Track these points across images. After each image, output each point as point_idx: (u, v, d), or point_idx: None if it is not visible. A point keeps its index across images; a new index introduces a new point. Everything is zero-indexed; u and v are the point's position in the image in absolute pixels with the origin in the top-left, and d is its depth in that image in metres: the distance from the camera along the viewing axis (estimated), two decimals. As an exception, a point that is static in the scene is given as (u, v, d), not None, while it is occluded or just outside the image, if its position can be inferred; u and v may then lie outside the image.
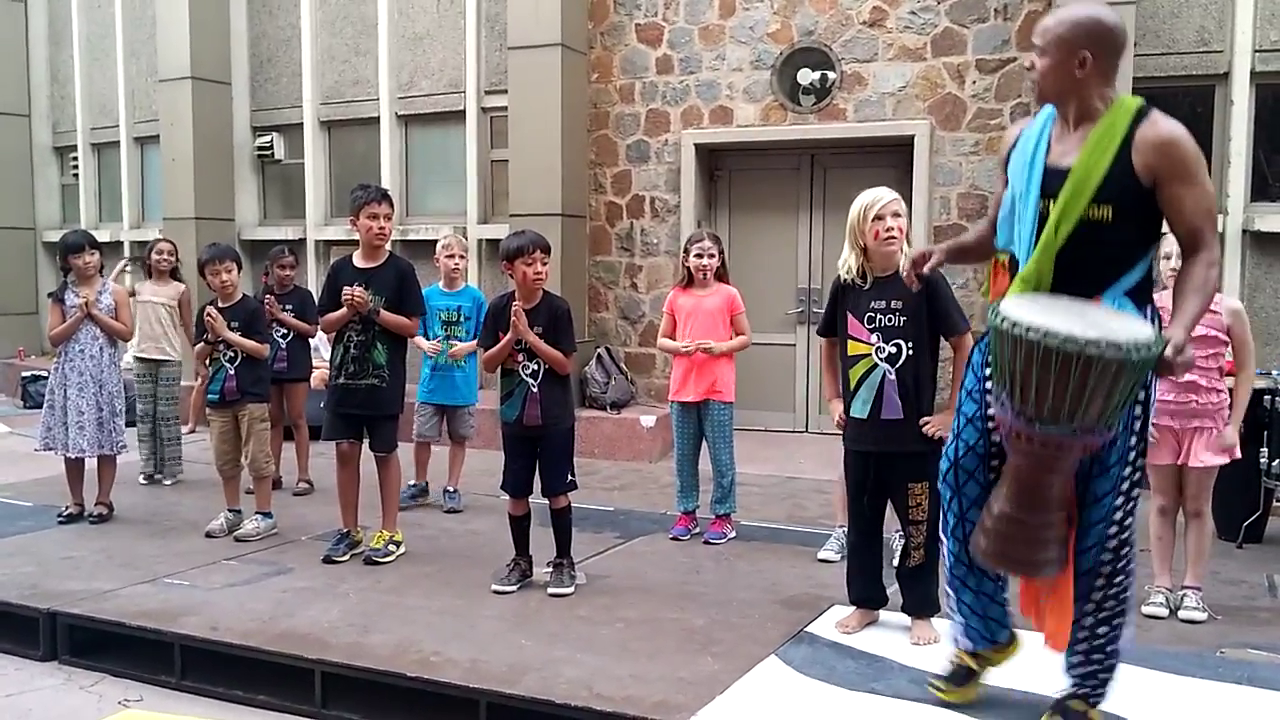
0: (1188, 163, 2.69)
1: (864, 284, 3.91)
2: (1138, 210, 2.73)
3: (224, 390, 5.43)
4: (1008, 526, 2.81)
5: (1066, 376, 2.52)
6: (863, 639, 3.89)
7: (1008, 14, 7.30)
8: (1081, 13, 2.76)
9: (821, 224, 8.17)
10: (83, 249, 5.78)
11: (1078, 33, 2.72)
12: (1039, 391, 2.58)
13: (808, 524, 5.78)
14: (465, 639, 3.87)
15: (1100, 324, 2.59)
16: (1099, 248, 2.75)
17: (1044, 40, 2.78)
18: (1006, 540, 2.83)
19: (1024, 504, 2.77)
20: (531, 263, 4.43)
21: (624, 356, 8.58)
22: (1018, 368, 2.60)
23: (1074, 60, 2.72)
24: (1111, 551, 2.87)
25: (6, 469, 7.39)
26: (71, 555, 5.04)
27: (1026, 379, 2.59)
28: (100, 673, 4.06)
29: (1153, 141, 2.68)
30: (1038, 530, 2.79)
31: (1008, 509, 2.80)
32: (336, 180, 10.20)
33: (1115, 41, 2.75)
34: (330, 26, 10.02)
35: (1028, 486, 2.76)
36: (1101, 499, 2.84)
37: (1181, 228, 2.74)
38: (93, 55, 11.99)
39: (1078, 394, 2.53)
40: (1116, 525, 2.86)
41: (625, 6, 8.47)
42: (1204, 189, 2.73)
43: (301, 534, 5.47)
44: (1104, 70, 2.75)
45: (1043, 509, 2.77)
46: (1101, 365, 2.49)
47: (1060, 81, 2.78)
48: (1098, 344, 2.48)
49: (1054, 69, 2.77)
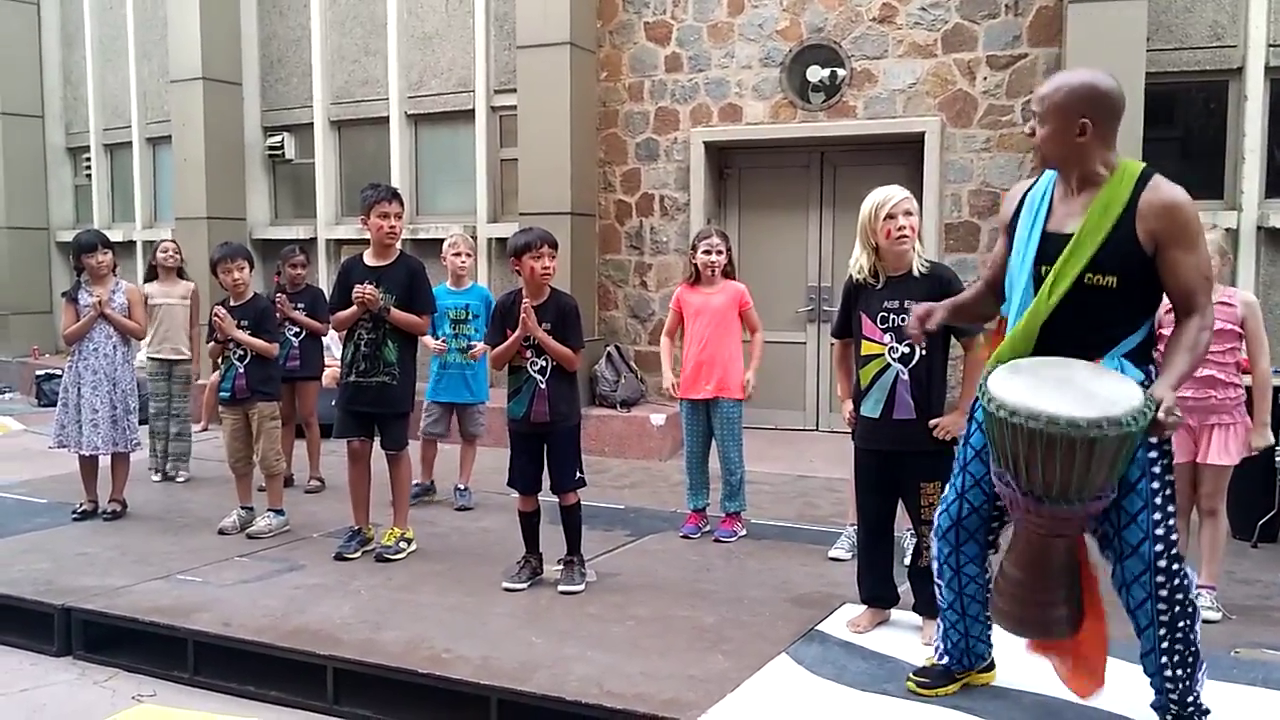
0: (1188, 228, 2.71)
1: (876, 283, 3.89)
2: (1142, 277, 2.75)
3: (234, 388, 5.46)
4: (1017, 589, 2.82)
5: (1071, 459, 2.52)
6: (874, 638, 3.88)
7: (1019, 9, 7.28)
8: (1078, 79, 2.78)
9: (832, 222, 8.16)
10: (96, 249, 5.81)
11: (1075, 100, 2.74)
12: (1045, 473, 2.57)
13: (819, 522, 5.77)
14: (476, 636, 3.88)
15: (1093, 395, 2.57)
16: (1102, 312, 2.77)
17: (1042, 108, 2.79)
18: (1017, 602, 2.84)
19: (1033, 569, 2.78)
20: (539, 258, 4.43)
21: (633, 355, 8.58)
22: (1019, 451, 2.60)
23: (1074, 128, 2.74)
24: (1164, 571, 2.80)
25: (21, 466, 7.45)
26: (86, 551, 5.07)
27: (1030, 461, 2.58)
28: (114, 668, 4.09)
29: (1156, 207, 2.70)
30: (1047, 592, 2.80)
31: (1018, 574, 2.81)
32: (347, 180, 10.23)
33: (1113, 106, 2.77)
34: (340, 27, 10.05)
35: (1037, 553, 2.77)
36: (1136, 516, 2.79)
37: (1177, 292, 2.75)
38: (105, 57, 12.06)
39: (1083, 472, 2.54)
40: (1163, 542, 2.79)
41: (634, 5, 8.47)
42: (1202, 254, 2.75)
43: (313, 531, 5.49)
44: (1104, 135, 2.77)
45: (1051, 572, 2.78)
46: (1104, 443, 2.50)
47: (1061, 149, 2.79)
48: (1100, 424, 2.48)
49: (1054, 137, 2.78)
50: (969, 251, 7.46)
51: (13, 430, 9.44)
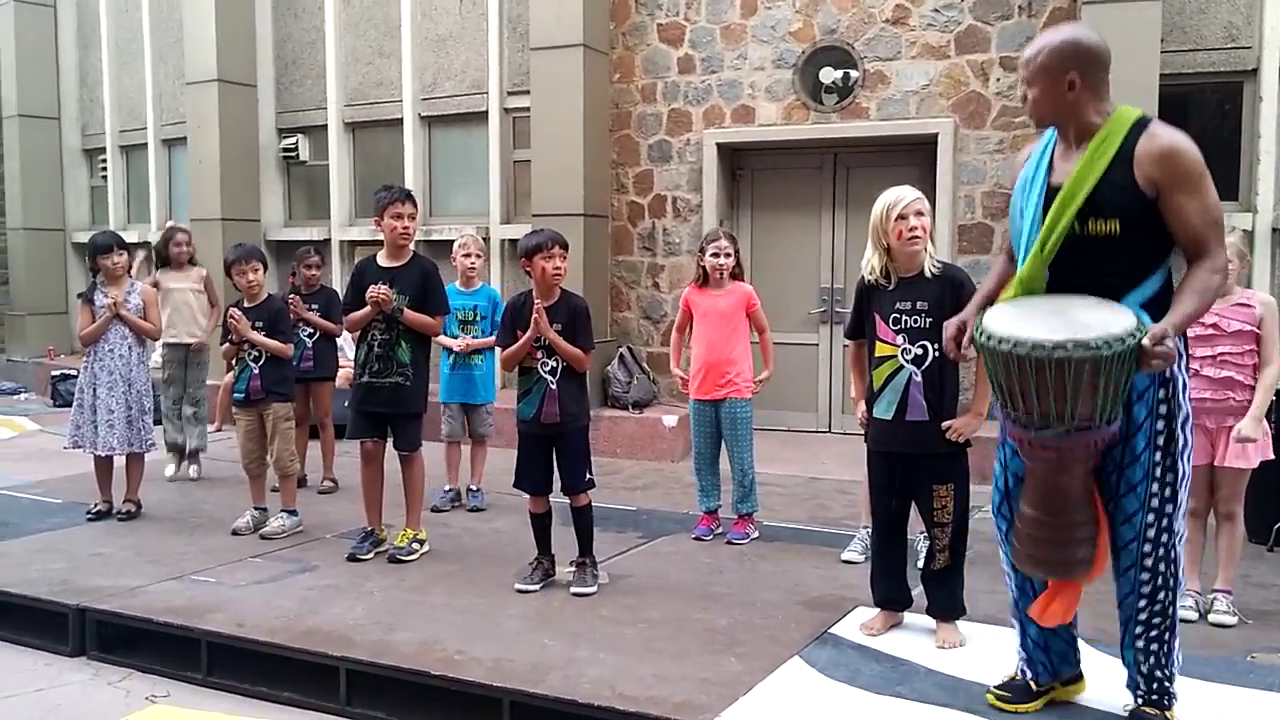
0: (1189, 172, 2.69)
1: (888, 284, 3.89)
2: (1146, 223, 2.72)
3: (249, 389, 5.48)
4: (1034, 529, 2.83)
5: (1045, 381, 2.55)
6: (887, 641, 3.87)
7: (1032, 10, 7.25)
8: (1059, 37, 2.80)
9: (844, 223, 8.14)
10: (111, 250, 5.85)
11: (1060, 58, 2.76)
12: (1025, 399, 2.62)
13: (831, 524, 5.76)
14: (489, 638, 3.88)
15: (1076, 322, 2.59)
16: (1109, 263, 2.75)
17: (1029, 71, 2.82)
18: (1035, 543, 2.85)
19: (1045, 506, 2.79)
20: (550, 258, 4.44)
21: (646, 356, 8.58)
22: (1001, 379, 2.65)
23: (1062, 84, 2.76)
24: (1152, 542, 2.82)
25: (37, 466, 7.49)
26: (100, 552, 5.10)
27: (1012, 388, 2.64)
28: (128, 668, 4.11)
29: (1153, 153, 2.70)
30: (1063, 530, 2.79)
31: (1030, 512, 2.83)
32: (360, 181, 10.25)
33: (1099, 58, 2.78)
34: (354, 29, 10.08)
35: (1045, 489, 2.78)
36: (1136, 486, 2.81)
37: (1185, 236, 2.72)
38: (121, 59, 12.12)
39: (1060, 396, 2.56)
40: (1156, 514, 2.81)
41: (647, 6, 8.47)
42: (1208, 198, 2.72)
43: (326, 532, 5.50)
44: (1094, 86, 2.78)
45: (1064, 510, 2.78)
46: (1073, 365, 2.51)
47: (1054, 107, 2.81)
48: (1064, 345, 2.51)
49: (1044, 96, 2.81)
50: (982, 253, 7.43)
51: (28, 430, 9.51)
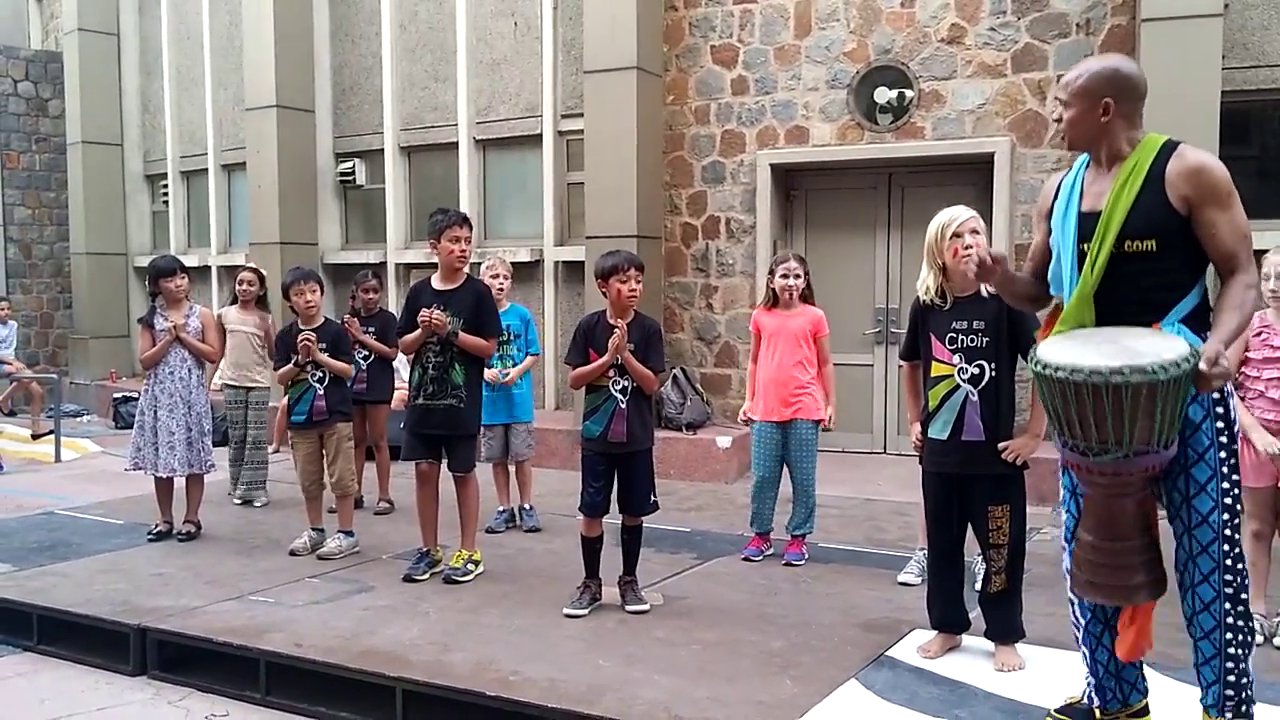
0: (1219, 188, 2.76)
1: (944, 304, 3.86)
2: (1181, 238, 2.80)
3: (312, 410, 5.53)
4: (1093, 555, 2.83)
5: (1102, 408, 2.59)
6: (945, 664, 3.81)
7: (1090, 29, 7.16)
8: (1100, 64, 2.94)
9: (899, 243, 8.08)
10: (173, 274, 5.96)
11: (1098, 82, 2.87)
12: (1083, 426, 2.65)
13: (886, 546, 5.69)
14: (543, 659, 3.88)
15: (1129, 349, 2.63)
16: (1146, 278, 2.82)
17: (1068, 93, 2.94)
18: (1094, 568, 2.85)
19: (1103, 532, 2.79)
20: (626, 280, 4.45)
21: (699, 377, 8.56)
22: (1059, 407, 2.69)
23: (1097, 108, 2.88)
24: (1229, 540, 2.82)
25: (99, 488, 7.65)
26: (161, 572, 5.18)
27: (1069, 416, 2.67)
28: (188, 688, 4.15)
29: (1183, 171, 2.78)
30: (1122, 555, 2.78)
31: (1089, 538, 2.84)
32: (416, 204, 10.39)
33: (1135, 87, 2.90)
34: (411, 54, 10.23)
35: (1103, 514, 2.79)
36: (1206, 485, 2.81)
37: (1218, 251, 2.80)
38: (182, 86, 12.42)
39: (1117, 422, 2.59)
40: (1229, 511, 2.82)
41: (700, 29, 8.51)
42: (1237, 213, 2.79)
43: (382, 553, 5.54)
44: (1127, 114, 2.89)
45: (1122, 535, 2.77)
46: (1131, 391, 2.55)
47: (1088, 129, 2.93)
48: (1121, 371, 2.55)
49: (1080, 118, 2.92)
50: (1040, 272, 7.32)
51: (91, 452, 9.71)
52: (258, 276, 7.00)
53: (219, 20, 11.73)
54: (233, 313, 6.94)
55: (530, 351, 6.22)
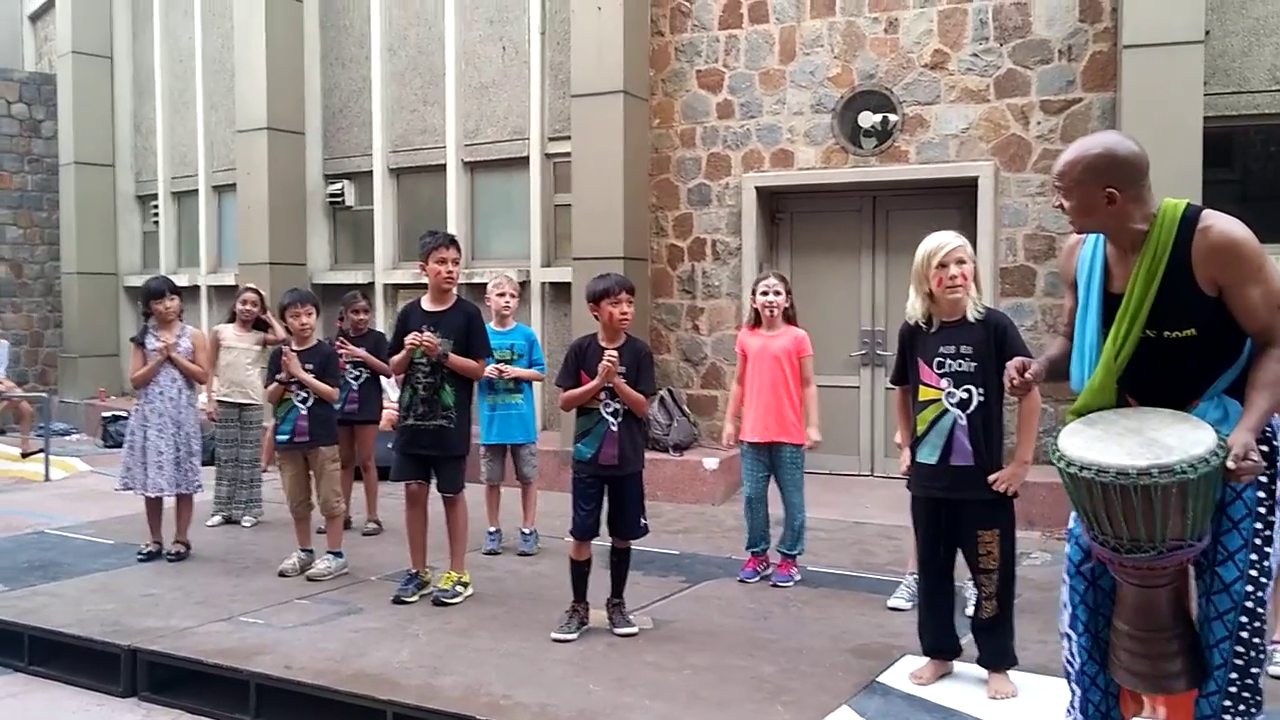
0: (1248, 264, 2.62)
1: (931, 328, 3.88)
2: (1220, 321, 2.68)
3: (294, 430, 5.56)
4: (1130, 644, 2.77)
5: (1131, 507, 2.50)
6: (937, 691, 3.83)
7: (1072, 55, 7.27)
8: (1092, 151, 2.70)
9: (884, 265, 8.15)
10: (164, 294, 5.98)
11: (1094, 173, 2.68)
12: (1112, 523, 2.56)
13: (876, 570, 5.72)
14: (534, 682, 3.89)
15: (1155, 444, 2.54)
16: (1191, 359, 2.71)
17: (1064, 184, 2.74)
18: (1131, 657, 2.78)
19: (1137, 622, 2.73)
20: (617, 303, 4.49)
21: (686, 398, 8.59)
22: (1085, 504, 2.60)
23: (1100, 199, 2.68)
24: (1249, 613, 2.72)
25: (89, 507, 7.63)
26: (151, 592, 5.18)
27: (1097, 512, 2.59)
28: (178, 709, 4.15)
29: (1208, 255, 2.63)
30: (1158, 645, 2.73)
31: (1124, 627, 2.77)
32: (404, 225, 10.43)
33: (1135, 168, 2.69)
34: (400, 78, 10.30)
35: (1138, 605, 2.71)
36: (1235, 554, 2.71)
37: (1252, 325, 2.67)
38: (174, 108, 12.46)
39: (1148, 520, 2.51)
40: (1254, 584, 2.72)
41: (686, 53, 8.59)
42: (1271, 283, 2.66)
43: (371, 574, 5.55)
44: (1135, 197, 2.69)
45: (1158, 625, 2.71)
46: (1160, 491, 2.46)
47: (1095, 220, 2.75)
48: (1150, 472, 2.45)
49: (1083, 211, 2.74)
50: (1025, 296, 7.41)
51: (80, 471, 9.68)
52: (259, 298, 7.03)
53: (211, 43, 11.78)
54: (230, 331, 6.94)
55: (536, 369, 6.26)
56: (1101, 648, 2.93)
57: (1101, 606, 2.90)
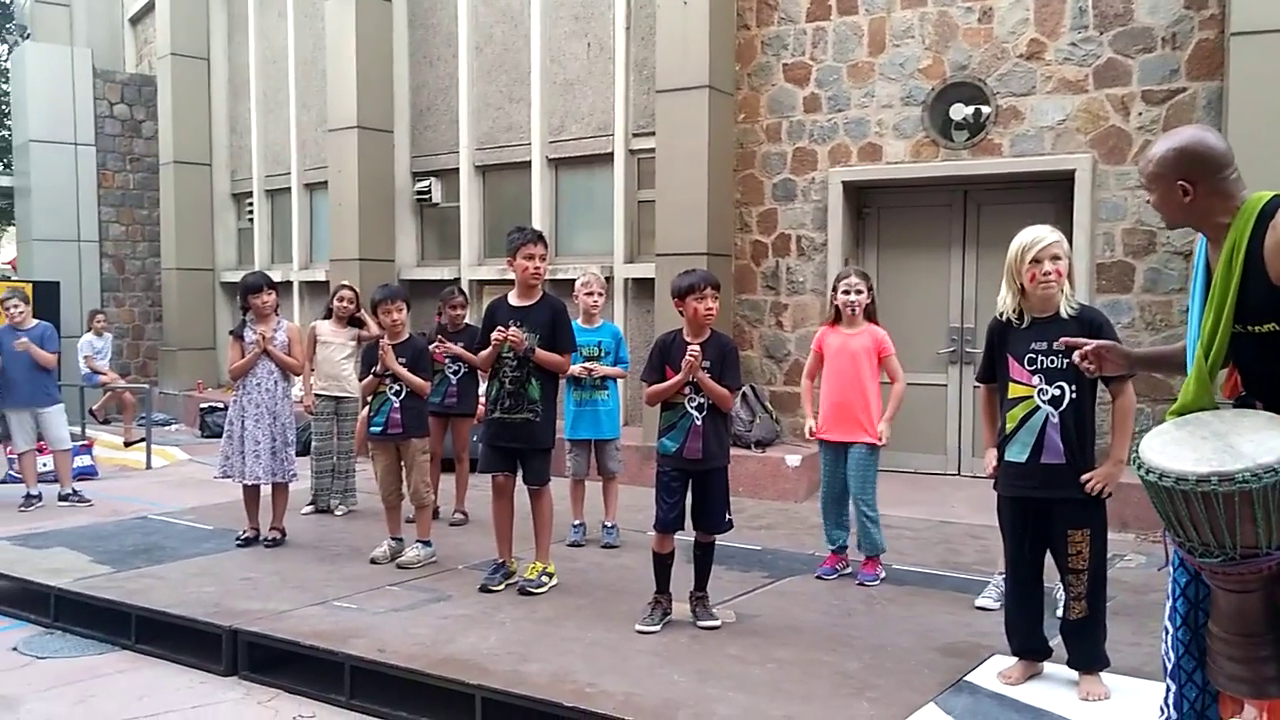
0: None
1: (1023, 324, 3.80)
2: None
3: (388, 422, 5.68)
4: (1223, 648, 2.72)
5: (1196, 513, 2.49)
6: (1027, 691, 3.76)
7: (1176, 43, 7.04)
8: (1169, 145, 2.69)
9: (975, 261, 8.01)
10: (261, 289, 6.18)
11: (1168, 168, 2.66)
12: (1183, 526, 2.55)
13: (962, 570, 5.63)
14: (618, 672, 3.92)
15: (1228, 450, 2.50)
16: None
17: (1145, 177, 2.76)
18: (1227, 661, 2.73)
19: (1231, 626, 2.68)
20: (702, 299, 4.50)
21: (769, 395, 8.57)
22: (1159, 505, 2.60)
23: (1176, 193, 2.67)
24: None
25: (189, 494, 7.91)
26: (249, 576, 5.35)
27: (1168, 514, 2.58)
28: (276, 689, 4.28)
29: (1273, 247, 2.56)
30: (1251, 649, 2.66)
31: (1217, 630, 2.73)
32: (490, 222, 10.58)
33: (1212, 162, 2.64)
34: (486, 75, 10.44)
35: (1228, 609, 2.67)
36: None
37: None
38: (268, 108, 12.82)
39: (1215, 526, 2.48)
40: None
41: (772, 47, 8.55)
42: None
43: (459, 563, 5.65)
44: (1213, 190, 2.65)
45: (1247, 630, 2.65)
46: (1221, 498, 2.43)
47: (1175, 213, 2.74)
48: (1208, 480, 2.43)
49: (1163, 204, 2.75)
50: (1122, 292, 7.21)
51: (179, 459, 10.04)
52: (355, 296, 7.24)
53: (303, 45, 12.09)
54: (326, 326, 7.15)
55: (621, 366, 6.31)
56: (1200, 643, 2.87)
57: (1203, 601, 2.84)
